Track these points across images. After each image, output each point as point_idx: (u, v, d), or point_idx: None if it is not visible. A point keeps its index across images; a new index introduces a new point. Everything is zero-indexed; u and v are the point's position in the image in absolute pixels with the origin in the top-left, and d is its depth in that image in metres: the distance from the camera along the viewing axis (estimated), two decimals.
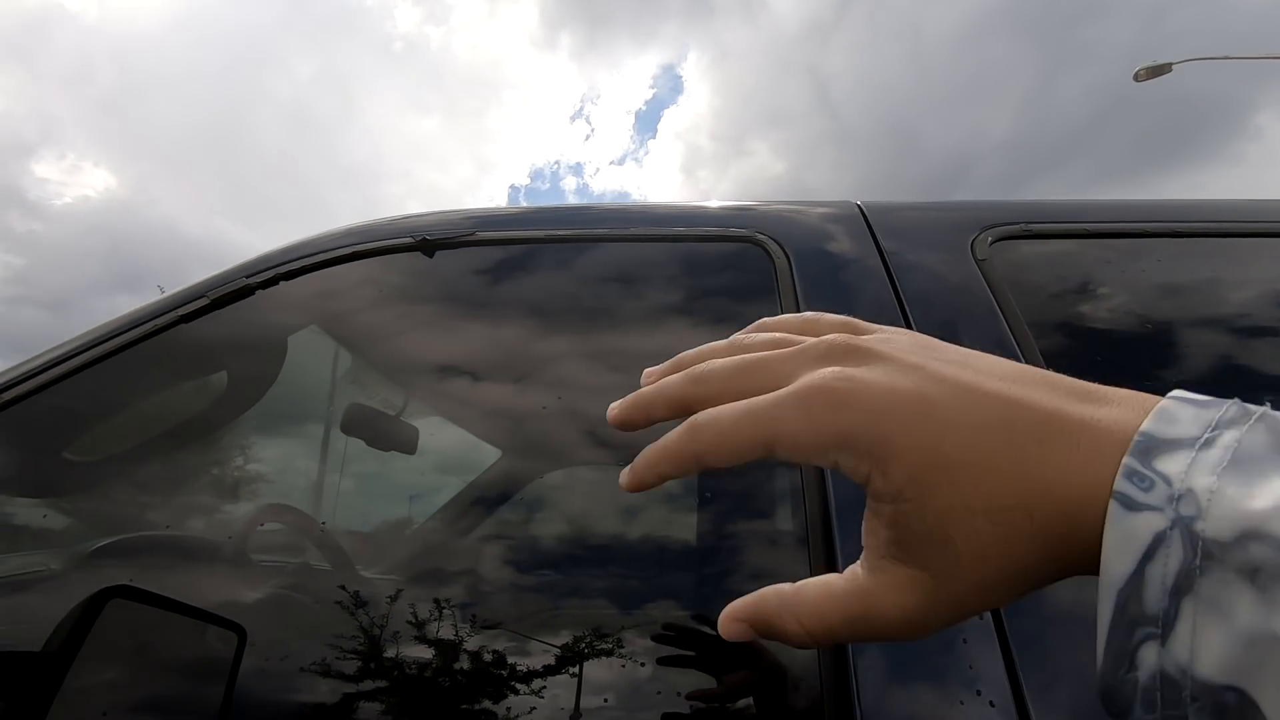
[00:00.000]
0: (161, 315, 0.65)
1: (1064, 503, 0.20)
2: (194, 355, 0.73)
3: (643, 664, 0.58)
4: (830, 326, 0.27)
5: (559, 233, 0.74)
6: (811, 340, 0.25)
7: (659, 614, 0.62)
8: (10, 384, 0.64)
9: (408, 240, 0.73)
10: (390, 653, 0.63)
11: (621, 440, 0.72)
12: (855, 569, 0.24)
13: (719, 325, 0.72)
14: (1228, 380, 0.67)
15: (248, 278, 0.68)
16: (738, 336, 0.27)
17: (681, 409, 0.25)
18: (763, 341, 0.26)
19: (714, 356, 0.26)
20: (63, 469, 0.71)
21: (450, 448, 1.11)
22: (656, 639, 0.58)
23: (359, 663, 0.63)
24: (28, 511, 0.74)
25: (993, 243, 0.71)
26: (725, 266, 0.72)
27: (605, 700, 0.54)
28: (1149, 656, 0.18)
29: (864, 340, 0.24)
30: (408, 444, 1.15)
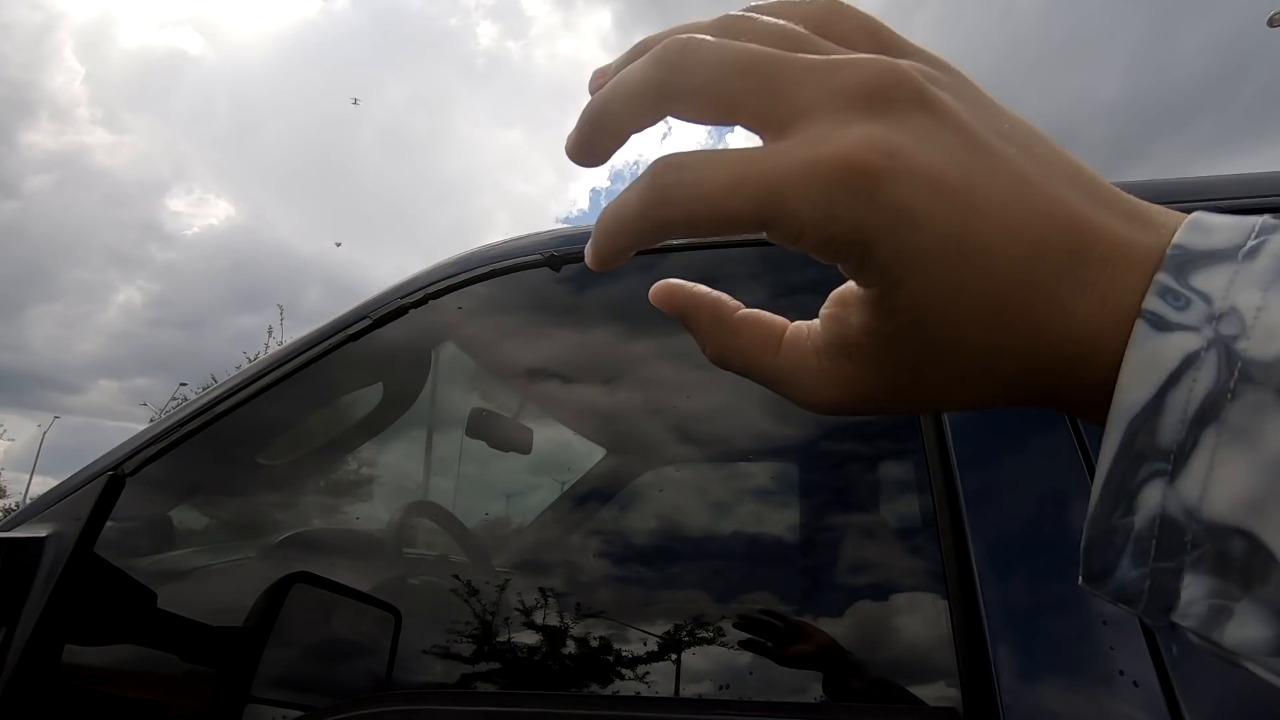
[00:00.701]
0: (333, 335, 0.75)
1: (1071, 340, 0.17)
2: (358, 370, 0.83)
3: (774, 655, 0.62)
4: (855, 30, 0.19)
5: (674, 241, 0.79)
6: (845, 58, 0.17)
7: (800, 607, 0.65)
8: (214, 402, 0.75)
9: (536, 257, 0.80)
10: (535, 639, 0.70)
11: (753, 438, 0.76)
12: (802, 333, 0.21)
13: None
14: None
15: (401, 298, 0.77)
16: (730, 15, 0.19)
17: (647, 106, 0.18)
18: (767, 30, 0.18)
19: (695, 34, 0.18)
20: (256, 472, 0.82)
21: (566, 447, 1.18)
22: (791, 630, 0.62)
23: (504, 643, 0.69)
24: (230, 508, 0.86)
25: None
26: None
27: (751, 674, 0.59)
28: (1151, 496, 0.15)
29: (919, 77, 0.17)
30: (523, 445, 1.23)
